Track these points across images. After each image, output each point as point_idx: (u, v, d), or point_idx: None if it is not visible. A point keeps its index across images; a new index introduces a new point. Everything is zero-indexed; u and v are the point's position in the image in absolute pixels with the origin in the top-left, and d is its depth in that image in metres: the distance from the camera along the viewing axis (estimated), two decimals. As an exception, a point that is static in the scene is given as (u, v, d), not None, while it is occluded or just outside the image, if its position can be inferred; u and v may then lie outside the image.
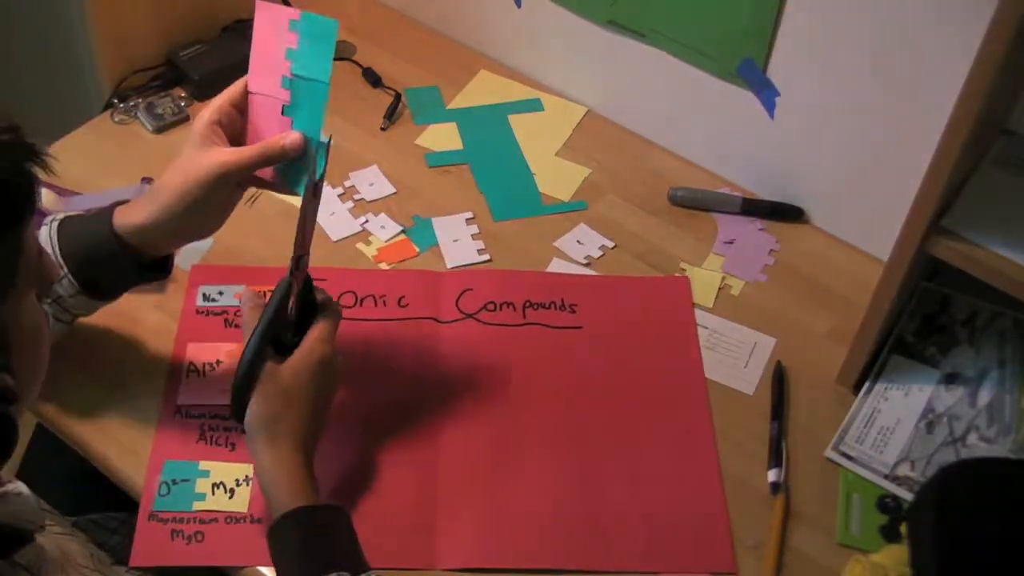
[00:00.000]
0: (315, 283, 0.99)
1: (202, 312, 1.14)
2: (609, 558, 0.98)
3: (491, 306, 1.17)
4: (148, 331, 1.12)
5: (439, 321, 1.15)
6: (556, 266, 1.22)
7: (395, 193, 1.28)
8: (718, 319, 1.17)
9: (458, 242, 1.23)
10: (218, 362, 1.10)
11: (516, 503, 1.01)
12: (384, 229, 1.24)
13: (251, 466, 1.01)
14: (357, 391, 1.08)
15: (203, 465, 1.02)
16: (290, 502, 0.88)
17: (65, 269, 0.96)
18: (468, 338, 1.14)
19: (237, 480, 1.00)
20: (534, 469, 1.04)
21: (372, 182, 1.29)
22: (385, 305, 1.16)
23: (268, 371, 0.93)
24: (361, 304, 1.16)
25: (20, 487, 0.80)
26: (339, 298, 1.16)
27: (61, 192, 1.21)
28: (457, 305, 1.16)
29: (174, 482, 1.00)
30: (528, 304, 1.17)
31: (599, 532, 0.99)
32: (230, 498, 0.99)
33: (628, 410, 1.09)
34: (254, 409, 0.92)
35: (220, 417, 1.05)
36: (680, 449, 1.06)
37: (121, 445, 1.03)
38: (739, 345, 1.15)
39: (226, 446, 1.03)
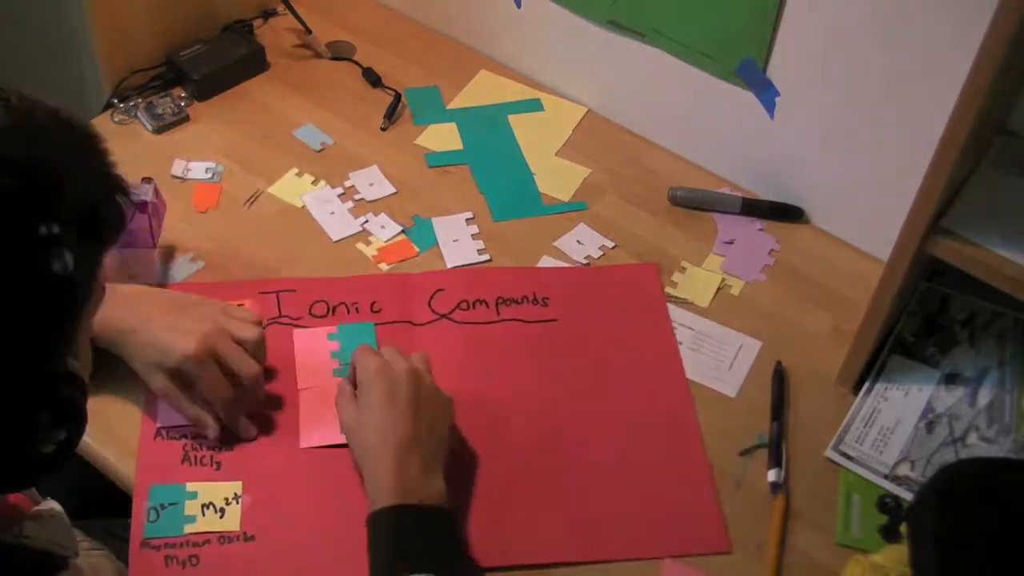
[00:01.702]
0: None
1: None
2: (603, 548, 0.98)
3: (464, 305, 1.16)
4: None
5: (414, 324, 1.14)
6: (545, 264, 1.22)
7: (395, 193, 1.28)
8: (704, 321, 1.17)
9: (458, 242, 1.23)
10: None
11: (504, 501, 1.01)
12: (384, 229, 1.24)
13: (239, 483, 1.00)
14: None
15: (191, 487, 0.99)
16: (390, 499, 0.90)
17: None
18: (444, 338, 1.13)
19: (226, 499, 0.99)
20: (519, 465, 1.03)
21: (372, 182, 1.29)
22: (358, 312, 1.15)
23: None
24: (334, 312, 1.15)
25: (53, 505, 0.78)
26: (311, 308, 1.15)
27: None
28: (430, 306, 1.16)
29: (162, 506, 0.98)
30: (501, 300, 1.17)
31: (591, 523, 0.99)
32: (221, 517, 0.98)
33: (609, 399, 1.09)
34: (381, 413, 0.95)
35: (202, 437, 1.03)
36: (664, 434, 1.07)
37: (120, 446, 1.03)
38: (724, 347, 1.15)
39: (211, 465, 1.01)
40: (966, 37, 0.84)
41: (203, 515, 0.98)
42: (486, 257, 1.21)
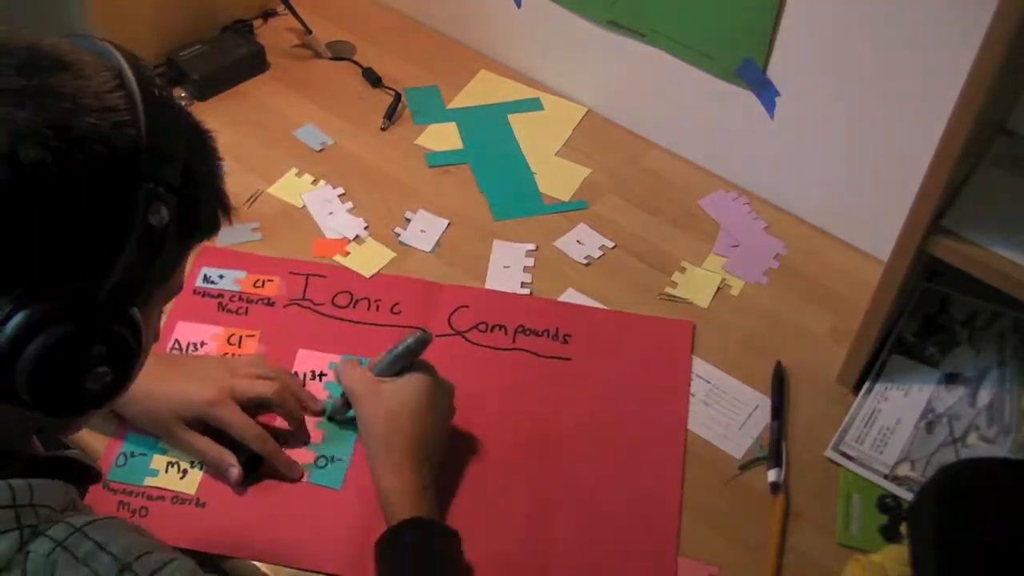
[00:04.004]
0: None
1: (199, 293, 1.15)
2: None
3: (483, 326, 1.14)
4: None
5: None
6: (570, 297, 1.19)
7: (449, 224, 1.26)
8: (724, 375, 1.12)
9: (508, 268, 1.21)
10: (202, 343, 1.11)
11: (461, 526, 0.96)
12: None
13: None
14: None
15: (163, 442, 1.02)
16: (411, 512, 0.92)
17: None
18: (452, 355, 1.11)
19: (192, 461, 1.01)
20: (486, 494, 1.01)
21: (424, 228, 1.25)
22: (378, 310, 1.15)
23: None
24: (355, 306, 1.15)
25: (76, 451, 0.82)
26: (334, 297, 1.16)
27: None
28: (449, 320, 1.15)
29: (132, 454, 1.01)
30: (520, 329, 1.14)
31: (538, 570, 0.96)
32: (181, 478, 1.00)
33: (596, 451, 1.05)
34: (382, 419, 0.97)
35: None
36: (641, 501, 1.01)
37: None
38: (738, 405, 1.10)
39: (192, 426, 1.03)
40: (966, 37, 0.84)
41: (166, 472, 1.01)
42: (527, 291, 1.19)
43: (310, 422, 1.05)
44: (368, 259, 1.21)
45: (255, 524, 0.98)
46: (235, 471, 0.99)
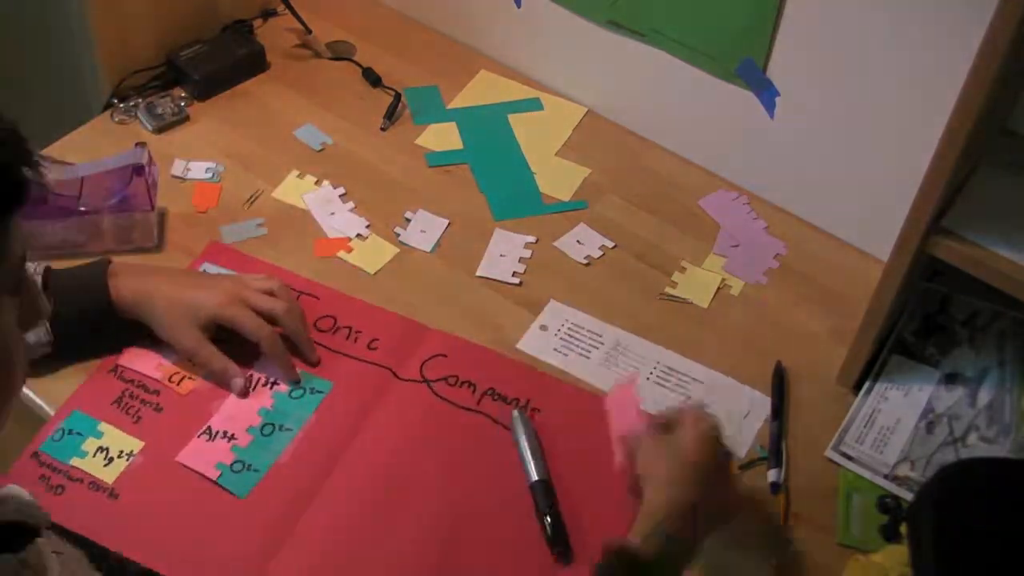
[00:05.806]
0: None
1: None
2: None
3: (452, 380, 1.09)
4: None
5: (395, 375, 1.09)
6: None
7: (448, 224, 1.26)
8: (723, 375, 1.12)
9: (504, 257, 1.22)
10: None
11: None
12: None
13: (141, 444, 1.01)
14: None
15: (102, 426, 1.03)
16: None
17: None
18: (412, 403, 1.07)
19: (121, 452, 1.01)
20: (395, 559, 0.96)
21: (424, 229, 1.25)
22: (355, 342, 1.11)
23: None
24: (335, 332, 1.12)
25: (13, 489, 0.78)
26: (318, 321, 1.13)
27: (54, 162, 1.20)
28: (421, 367, 1.10)
29: (70, 432, 1.02)
30: (489, 392, 1.08)
31: None
32: (105, 465, 1.00)
33: (526, 540, 0.98)
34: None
35: (144, 388, 1.06)
36: None
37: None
38: (738, 405, 1.09)
39: (132, 417, 1.04)
40: (966, 37, 0.85)
41: (93, 456, 1.00)
42: (517, 281, 1.19)
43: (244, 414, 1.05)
44: (372, 255, 1.21)
45: (159, 527, 0.96)
46: (239, 381, 1.05)
